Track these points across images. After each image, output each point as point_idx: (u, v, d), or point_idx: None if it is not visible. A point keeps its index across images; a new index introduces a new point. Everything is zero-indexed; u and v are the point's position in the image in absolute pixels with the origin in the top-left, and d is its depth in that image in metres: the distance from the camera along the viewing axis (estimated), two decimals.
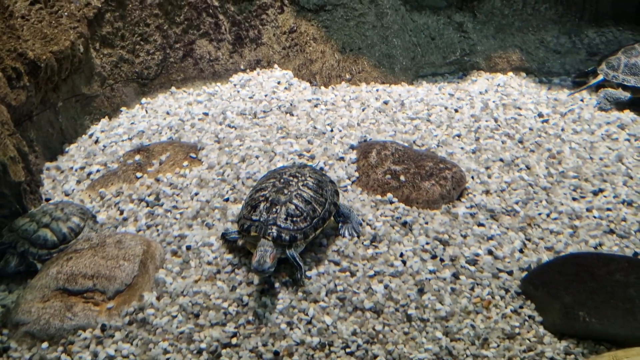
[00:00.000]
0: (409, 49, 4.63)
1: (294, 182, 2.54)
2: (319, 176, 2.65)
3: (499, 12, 4.85)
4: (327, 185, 2.62)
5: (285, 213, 2.40)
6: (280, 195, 2.47)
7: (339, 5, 4.58)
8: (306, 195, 2.49)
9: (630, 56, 3.96)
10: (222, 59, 4.54)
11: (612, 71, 4.00)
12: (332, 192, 2.60)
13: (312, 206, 2.47)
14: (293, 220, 2.39)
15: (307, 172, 2.63)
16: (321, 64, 4.46)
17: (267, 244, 2.28)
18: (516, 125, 3.68)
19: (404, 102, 3.99)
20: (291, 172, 2.63)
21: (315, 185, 2.55)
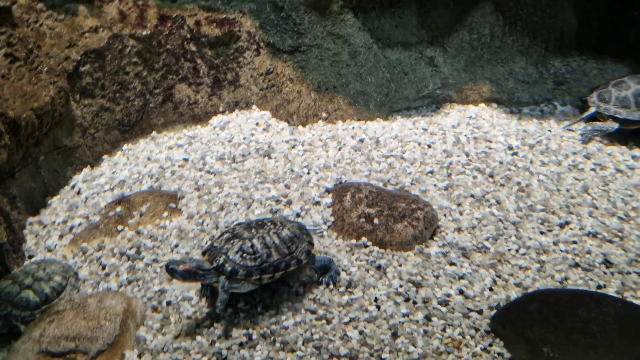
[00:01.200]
0: (383, 85, 4.77)
1: (267, 227, 2.65)
2: (298, 232, 2.69)
3: (469, 46, 5.02)
4: (302, 243, 2.67)
5: (239, 247, 2.52)
6: (246, 232, 2.61)
7: (313, 45, 4.72)
8: (269, 240, 2.58)
9: (620, 89, 4.15)
10: (202, 102, 4.66)
11: (603, 104, 4.16)
12: (302, 250, 2.65)
13: (269, 251, 2.55)
14: (242, 256, 2.50)
15: (288, 225, 2.71)
16: (298, 104, 4.59)
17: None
18: (487, 159, 3.81)
19: (379, 139, 4.12)
20: (274, 219, 2.74)
21: (287, 237, 2.63)
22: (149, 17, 4.45)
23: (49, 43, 3.83)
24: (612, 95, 4.16)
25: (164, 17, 4.51)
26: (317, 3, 4.71)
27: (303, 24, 4.73)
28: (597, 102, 4.22)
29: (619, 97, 4.11)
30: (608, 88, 4.23)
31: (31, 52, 3.62)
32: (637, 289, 2.65)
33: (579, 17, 4.94)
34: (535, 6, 4.96)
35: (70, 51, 3.92)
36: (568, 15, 4.95)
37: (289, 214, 3.20)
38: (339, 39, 4.73)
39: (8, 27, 3.48)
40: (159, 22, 4.48)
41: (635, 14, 4.76)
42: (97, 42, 4.09)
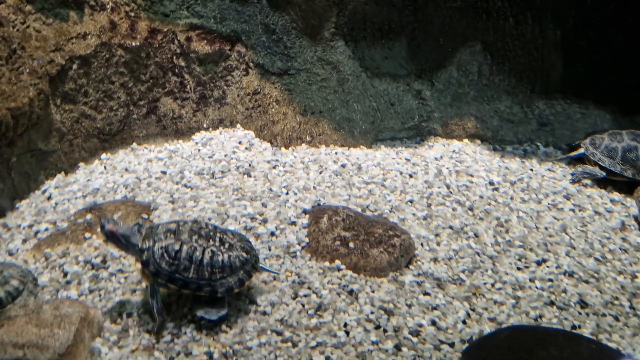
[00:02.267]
0: (369, 113, 4.78)
1: (211, 243, 2.50)
2: (237, 264, 2.50)
3: (456, 82, 5.08)
4: (231, 277, 2.49)
5: (167, 245, 2.44)
6: (187, 234, 2.48)
7: (302, 69, 4.73)
8: (197, 256, 2.44)
9: (613, 140, 4.18)
10: (186, 117, 4.61)
11: (592, 148, 4.20)
12: (226, 284, 2.47)
13: (188, 265, 2.42)
14: (163, 255, 2.42)
15: (235, 252, 2.52)
16: (283, 126, 4.56)
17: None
18: (467, 192, 3.79)
19: (361, 165, 4.09)
20: (230, 240, 2.57)
21: (219, 264, 2.46)
22: (140, 29, 4.43)
23: (34, 45, 3.77)
24: (603, 143, 4.20)
25: (155, 30, 4.49)
26: (309, 29, 4.75)
27: (294, 47, 4.75)
28: (587, 145, 4.26)
29: (608, 146, 4.15)
30: (603, 135, 4.28)
31: (14, 52, 3.55)
32: (612, 331, 2.60)
33: (565, 61, 5.03)
34: (522, 48, 5.05)
35: (55, 55, 3.87)
36: (554, 58, 5.04)
37: (263, 232, 3.12)
38: (328, 65, 4.75)
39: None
40: (150, 34, 4.45)
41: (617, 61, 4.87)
42: (84, 49, 4.05)
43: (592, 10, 4.92)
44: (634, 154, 4.05)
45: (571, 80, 5.05)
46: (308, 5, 4.67)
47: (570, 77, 5.06)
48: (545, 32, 5.02)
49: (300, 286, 2.74)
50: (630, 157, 4.05)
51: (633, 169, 3.99)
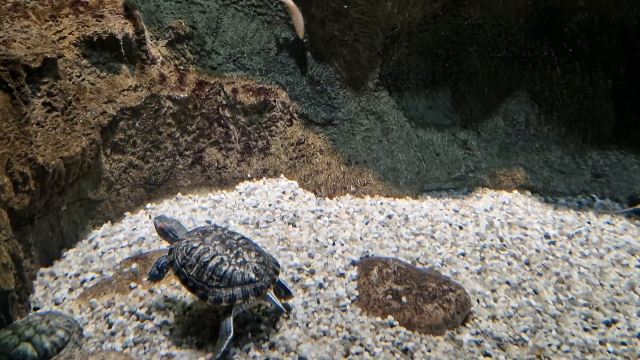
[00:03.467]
0: (414, 163, 4.69)
1: (230, 251, 2.61)
2: (239, 281, 2.54)
3: (502, 132, 4.96)
4: (237, 288, 2.53)
5: (188, 242, 2.69)
6: (208, 237, 2.68)
7: (346, 120, 4.72)
8: (205, 257, 2.58)
9: None
10: (230, 167, 4.62)
11: None
12: (218, 294, 2.52)
13: (193, 262, 2.57)
14: (183, 249, 2.66)
15: (241, 269, 2.57)
16: (327, 176, 4.51)
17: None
18: (522, 245, 3.60)
19: (408, 216, 3.97)
20: (248, 254, 2.63)
21: (222, 272, 2.54)
22: (188, 81, 4.54)
23: (88, 97, 3.89)
24: None
25: (202, 82, 4.59)
26: (353, 79, 4.77)
27: (338, 98, 4.77)
28: None
29: None
30: None
31: (69, 104, 3.66)
32: None
33: (617, 111, 4.87)
34: (571, 97, 4.93)
35: (107, 106, 3.97)
36: (605, 108, 4.89)
37: (311, 284, 3.00)
38: (372, 115, 4.73)
39: (51, 78, 3.55)
40: (197, 86, 4.55)
41: None
42: (134, 100, 4.15)
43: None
44: None
45: (626, 130, 4.87)
46: (352, 56, 4.71)
47: (624, 127, 4.88)
48: (596, 81, 4.90)
49: (351, 343, 2.59)
50: None
51: None
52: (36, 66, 3.40)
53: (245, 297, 2.49)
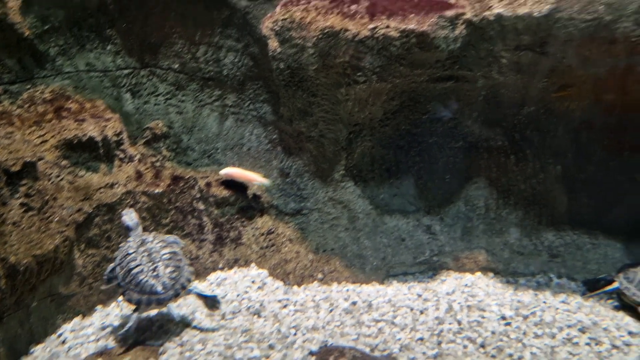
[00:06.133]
0: (380, 249, 4.89)
1: (151, 263, 3.56)
2: (147, 290, 3.49)
3: (464, 216, 5.22)
4: (139, 294, 3.51)
5: (128, 246, 3.78)
6: (143, 247, 3.69)
7: (314, 209, 4.98)
8: (131, 265, 3.62)
9: None
10: (203, 257, 4.80)
11: (626, 282, 4.20)
12: (129, 296, 3.53)
13: (122, 264, 3.68)
14: (121, 250, 3.77)
15: (153, 282, 3.46)
16: (295, 264, 4.69)
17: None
18: (479, 328, 3.74)
19: (372, 302, 4.11)
20: (165, 269, 3.57)
21: (139, 280, 3.52)
22: (164, 177, 4.82)
23: (65, 195, 4.13)
24: (637, 276, 4.19)
25: (178, 177, 4.87)
26: (320, 172, 5.08)
27: (306, 189, 5.05)
28: (621, 279, 4.24)
29: None
30: (636, 269, 4.28)
31: (46, 203, 3.90)
32: None
33: (569, 194, 5.17)
34: (525, 182, 5.24)
35: (84, 204, 4.20)
36: (557, 191, 5.19)
37: None
38: (339, 204, 4.99)
39: (29, 180, 3.81)
40: (172, 181, 4.83)
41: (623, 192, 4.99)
42: (110, 197, 4.39)
43: (588, 146, 5.16)
44: None
45: (578, 212, 5.15)
46: (319, 151, 5.05)
47: (576, 209, 5.16)
48: (546, 167, 5.24)
49: None
50: None
51: None
52: (16, 169, 3.67)
53: (148, 304, 3.42)
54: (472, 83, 4.86)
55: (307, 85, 4.64)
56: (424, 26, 4.27)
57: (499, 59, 4.51)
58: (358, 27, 4.28)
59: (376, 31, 4.25)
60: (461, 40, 4.36)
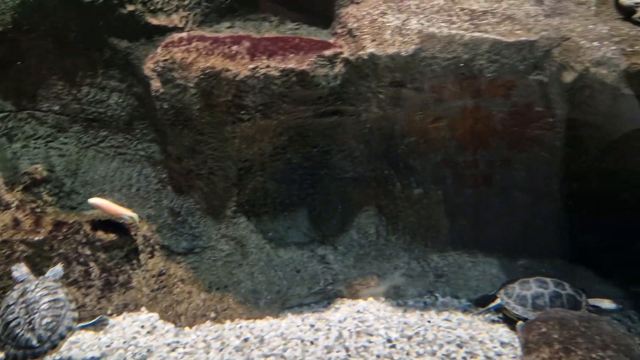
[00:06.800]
0: (275, 283, 4.94)
1: (28, 315, 3.46)
2: (22, 344, 3.38)
3: (357, 244, 5.42)
4: (15, 349, 3.41)
5: (9, 297, 3.68)
6: (22, 297, 3.63)
7: (207, 247, 4.95)
8: (9, 317, 3.52)
9: (523, 289, 4.52)
10: (90, 304, 4.60)
11: (506, 297, 4.50)
12: (8, 352, 3.37)
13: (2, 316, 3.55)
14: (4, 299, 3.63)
15: (28, 335, 3.37)
16: (187, 305, 4.62)
17: None
18: (365, 353, 3.87)
19: (264, 337, 4.13)
20: (40, 323, 3.45)
21: (15, 333, 3.41)
22: (45, 223, 4.61)
23: None
24: (514, 291, 4.52)
25: (61, 222, 4.69)
26: (212, 209, 5.09)
27: (198, 227, 5.02)
28: (502, 295, 4.55)
29: (519, 294, 4.46)
30: (514, 284, 4.62)
31: None
32: None
33: (449, 217, 5.54)
34: (411, 208, 5.55)
35: None
36: (440, 215, 5.55)
37: None
38: (232, 240, 5.01)
39: None
40: (54, 227, 4.64)
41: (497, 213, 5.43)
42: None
43: (462, 171, 5.58)
44: (542, 300, 4.37)
45: (459, 233, 5.52)
46: (209, 188, 5.06)
47: (457, 230, 5.53)
48: (429, 193, 5.59)
49: None
50: (539, 304, 4.35)
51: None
52: None
53: (24, 357, 3.33)
54: (356, 117, 5.13)
55: (193, 124, 4.68)
56: (303, 65, 4.47)
57: (377, 95, 4.81)
58: (239, 67, 4.41)
59: (257, 70, 4.40)
60: (340, 77, 4.60)
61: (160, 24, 4.77)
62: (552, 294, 4.43)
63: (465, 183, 5.61)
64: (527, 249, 5.42)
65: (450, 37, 4.40)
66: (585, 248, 5.19)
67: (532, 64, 4.43)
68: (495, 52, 4.37)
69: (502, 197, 5.53)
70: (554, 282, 4.54)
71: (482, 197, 5.53)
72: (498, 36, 4.40)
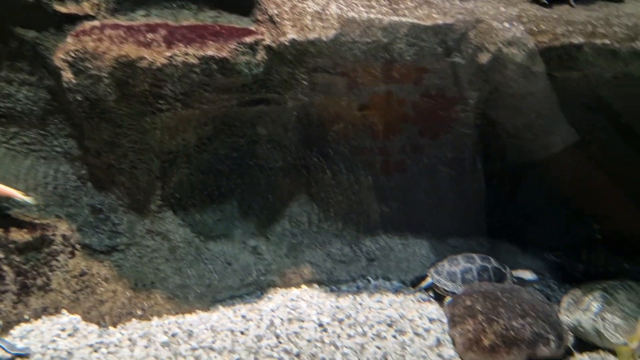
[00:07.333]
0: (205, 276, 4.82)
1: None
2: None
3: (289, 233, 5.38)
4: None
5: None
6: None
7: (131, 244, 4.76)
8: None
9: (452, 265, 4.63)
10: (4, 311, 4.32)
11: (437, 275, 4.57)
12: None
13: None
14: None
15: None
16: (112, 304, 4.43)
17: None
18: (296, 339, 3.84)
19: (193, 331, 4.02)
20: None
21: None
22: None
23: None
24: (444, 269, 4.60)
25: None
26: (135, 204, 4.89)
27: (122, 224, 4.82)
28: (432, 273, 4.64)
29: (449, 271, 4.55)
30: (443, 262, 4.71)
31: None
32: None
33: (380, 201, 5.61)
34: (342, 195, 5.57)
35: None
36: (370, 200, 5.60)
37: None
38: (158, 235, 4.84)
39: None
40: None
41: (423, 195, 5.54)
42: None
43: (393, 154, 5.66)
44: (470, 275, 4.49)
45: (389, 217, 5.59)
46: (132, 182, 4.86)
47: (388, 214, 5.61)
48: (359, 179, 5.63)
49: None
50: (468, 278, 4.48)
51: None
52: None
53: None
54: (283, 105, 5.08)
55: (110, 116, 4.48)
56: (223, 52, 4.37)
57: (301, 81, 4.77)
58: (155, 56, 4.25)
59: (174, 59, 4.25)
60: (263, 65, 4.53)
61: (70, 13, 4.53)
62: (480, 268, 4.57)
63: (394, 167, 5.69)
64: (455, 228, 5.58)
65: (370, 22, 4.42)
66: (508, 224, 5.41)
67: (450, 46, 4.53)
68: (414, 36, 4.44)
69: (430, 179, 5.65)
70: (480, 257, 4.69)
71: (411, 180, 5.63)
72: (416, 20, 4.46)
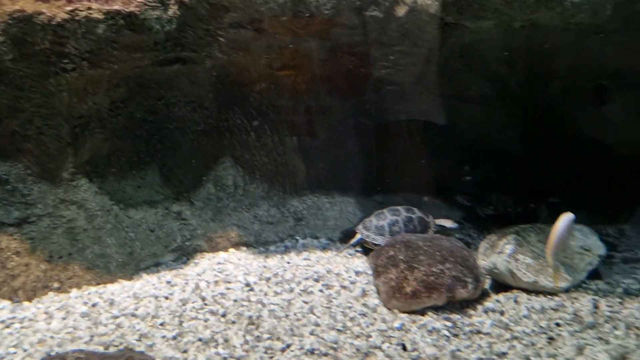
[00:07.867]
0: (126, 244, 4.64)
1: None
2: None
3: (215, 197, 5.26)
4: None
5: None
6: None
7: (44, 215, 4.48)
8: None
9: (379, 219, 4.68)
10: None
11: (365, 230, 4.55)
12: None
13: None
14: None
15: None
16: (25, 278, 4.17)
17: None
18: (223, 300, 3.79)
19: (115, 300, 3.87)
20: None
21: None
22: None
23: None
24: (372, 223, 4.64)
25: None
26: (46, 172, 4.59)
27: (32, 194, 4.51)
28: (360, 229, 4.67)
29: (377, 225, 4.59)
30: (370, 217, 4.74)
31: None
32: None
33: (305, 162, 5.59)
34: (267, 156, 5.51)
35: None
36: (296, 161, 5.57)
37: None
38: (73, 205, 4.58)
39: None
40: None
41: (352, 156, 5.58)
42: None
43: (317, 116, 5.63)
44: (397, 227, 4.58)
45: (315, 177, 5.60)
46: (40, 150, 4.54)
47: (314, 174, 5.61)
48: (283, 140, 5.57)
49: None
50: (395, 230, 4.56)
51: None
52: None
53: None
54: (200, 64, 4.89)
55: (8, 78, 4.13)
56: (130, 7, 4.11)
57: (217, 38, 4.59)
58: (54, 10, 3.93)
59: (76, 13, 3.95)
60: (176, 20, 4.30)
61: None
62: (405, 219, 4.68)
63: (319, 127, 5.67)
64: (380, 185, 5.68)
65: None
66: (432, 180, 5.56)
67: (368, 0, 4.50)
68: None
69: (355, 137, 5.69)
70: (405, 209, 4.80)
71: (337, 139, 5.65)
72: None
